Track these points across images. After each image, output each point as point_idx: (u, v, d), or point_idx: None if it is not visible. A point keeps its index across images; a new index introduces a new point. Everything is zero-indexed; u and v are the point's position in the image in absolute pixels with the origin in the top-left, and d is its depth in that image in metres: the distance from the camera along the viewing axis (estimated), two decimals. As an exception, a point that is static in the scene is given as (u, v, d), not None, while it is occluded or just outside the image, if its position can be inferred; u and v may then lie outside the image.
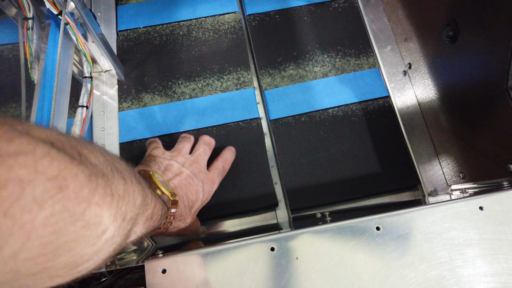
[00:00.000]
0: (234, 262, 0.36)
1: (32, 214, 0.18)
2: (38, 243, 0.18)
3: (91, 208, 0.21)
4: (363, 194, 0.57)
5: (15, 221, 0.17)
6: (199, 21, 0.69)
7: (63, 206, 0.19)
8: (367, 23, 0.69)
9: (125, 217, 0.25)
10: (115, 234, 0.24)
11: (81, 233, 0.21)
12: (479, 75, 0.47)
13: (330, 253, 0.36)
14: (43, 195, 0.18)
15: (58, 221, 0.19)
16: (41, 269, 0.20)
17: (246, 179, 0.56)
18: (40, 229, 0.18)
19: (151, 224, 0.34)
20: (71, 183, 0.20)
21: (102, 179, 0.23)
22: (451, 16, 0.50)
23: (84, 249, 0.22)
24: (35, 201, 0.18)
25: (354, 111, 0.61)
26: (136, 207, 0.27)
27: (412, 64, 0.63)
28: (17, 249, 0.18)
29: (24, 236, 0.18)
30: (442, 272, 0.36)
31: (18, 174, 0.17)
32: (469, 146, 0.51)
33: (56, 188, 0.19)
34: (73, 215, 0.20)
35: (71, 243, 0.20)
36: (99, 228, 0.22)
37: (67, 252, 0.20)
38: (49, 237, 0.19)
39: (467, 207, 0.38)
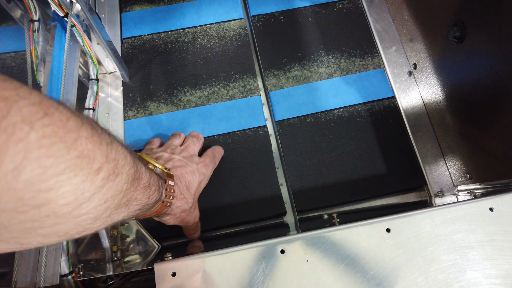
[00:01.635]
0: (244, 265, 0.35)
1: (24, 132, 0.17)
2: (37, 165, 0.18)
3: (82, 140, 0.21)
4: (369, 195, 0.57)
5: (8, 136, 0.17)
6: (204, 28, 0.69)
7: (53, 130, 0.19)
8: (371, 24, 0.69)
9: (117, 163, 0.24)
10: (110, 175, 0.23)
11: (77, 163, 0.20)
12: (487, 76, 0.47)
13: (341, 254, 0.36)
14: (31, 116, 0.18)
15: (52, 145, 0.19)
16: (44, 200, 0.19)
17: (253, 187, 0.56)
18: (36, 150, 0.18)
19: (151, 194, 0.34)
20: (55, 112, 0.19)
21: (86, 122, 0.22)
22: (458, 16, 0.50)
23: (83, 183, 0.21)
24: (24, 121, 0.17)
25: (360, 111, 0.61)
26: (127, 161, 0.27)
27: (417, 65, 0.63)
28: (17, 165, 0.17)
29: (21, 154, 0.17)
30: (452, 274, 0.36)
31: (2, 94, 0.17)
32: (476, 147, 0.51)
33: (41, 113, 0.18)
34: (65, 142, 0.20)
35: (69, 172, 0.20)
36: (94, 164, 0.22)
37: (67, 182, 0.20)
38: (46, 160, 0.18)
39: (477, 208, 0.38)
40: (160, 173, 0.40)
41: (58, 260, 0.39)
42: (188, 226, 0.49)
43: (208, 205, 0.55)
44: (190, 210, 0.46)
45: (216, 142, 0.59)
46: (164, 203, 0.39)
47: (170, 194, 0.40)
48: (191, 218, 0.47)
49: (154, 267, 0.36)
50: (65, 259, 0.40)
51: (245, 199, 0.55)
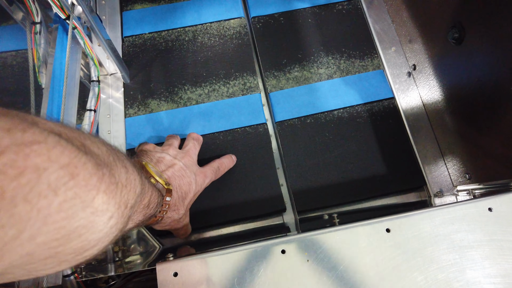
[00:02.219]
0: (245, 265, 0.36)
1: (48, 200, 0.18)
2: (52, 228, 0.19)
3: (100, 195, 0.22)
4: (369, 195, 0.57)
5: (33, 206, 0.18)
6: (204, 27, 0.69)
7: (75, 193, 0.20)
8: (371, 25, 0.69)
9: (127, 204, 0.26)
10: (118, 221, 0.25)
11: (90, 219, 0.22)
12: (486, 77, 0.47)
13: (341, 255, 0.36)
14: (57, 182, 0.19)
15: (71, 207, 0.20)
16: (53, 253, 0.21)
17: (253, 184, 0.57)
18: (55, 215, 0.19)
19: (148, 212, 0.35)
20: (81, 171, 0.21)
21: (106, 169, 0.23)
22: (457, 18, 0.50)
23: (92, 235, 0.22)
24: (50, 188, 0.18)
25: (359, 112, 0.62)
26: (136, 195, 0.28)
27: (416, 66, 0.63)
28: (35, 233, 0.18)
29: (41, 221, 0.18)
30: (452, 274, 0.36)
31: (34, 162, 0.18)
32: (476, 147, 0.52)
33: (68, 176, 0.20)
34: (83, 202, 0.21)
35: (81, 229, 0.21)
36: (106, 215, 0.23)
37: (77, 238, 0.21)
38: (62, 222, 0.20)
39: (476, 208, 0.39)
40: (161, 189, 0.41)
41: (60, 261, 0.40)
42: (175, 232, 0.49)
43: (208, 202, 0.55)
44: (179, 219, 0.46)
45: (216, 140, 0.59)
46: (156, 217, 0.40)
47: (165, 209, 0.41)
48: (179, 225, 0.47)
49: (156, 268, 0.36)
50: (67, 259, 0.40)
51: (245, 196, 0.56)
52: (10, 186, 0.17)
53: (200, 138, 0.55)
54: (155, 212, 0.38)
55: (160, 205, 0.39)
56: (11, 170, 0.17)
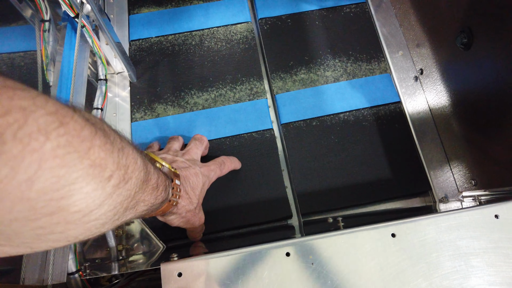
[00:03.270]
0: (250, 267, 0.36)
1: (39, 142, 0.18)
2: (50, 175, 0.19)
3: (95, 149, 0.21)
4: (374, 199, 0.57)
5: (24, 146, 0.17)
6: (211, 31, 0.69)
7: (67, 140, 0.19)
8: (378, 28, 0.69)
9: (127, 169, 0.25)
10: (120, 182, 0.24)
11: (89, 171, 0.21)
12: (493, 82, 0.47)
13: (346, 258, 0.36)
14: (46, 126, 0.18)
15: (66, 155, 0.19)
16: (56, 208, 0.20)
17: (259, 190, 0.56)
18: (50, 160, 0.18)
19: (158, 194, 0.35)
20: (70, 121, 0.20)
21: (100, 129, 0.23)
22: (466, 23, 0.50)
23: (94, 191, 0.22)
24: (39, 131, 0.18)
25: (365, 116, 0.61)
26: (137, 166, 0.27)
27: (424, 70, 0.63)
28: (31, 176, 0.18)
29: (35, 163, 0.18)
30: (456, 281, 0.36)
31: (20, 104, 0.17)
32: (482, 153, 0.51)
33: (57, 122, 0.19)
34: (78, 151, 0.20)
35: (81, 181, 0.20)
36: (105, 172, 0.22)
37: (79, 191, 0.21)
38: (59, 169, 0.19)
39: (482, 215, 0.38)
40: (167, 172, 0.41)
41: (65, 259, 0.40)
42: (193, 229, 0.49)
43: (214, 206, 0.55)
44: (195, 211, 0.46)
45: (222, 145, 0.59)
46: (170, 202, 0.40)
47: (177, 193, 0.41)
48: (196, 219, 0.47)
49: (160, 267, 0.36)
50: (72, 257, 0.41)
51: (251, 202, 0.56)
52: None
53: (203, 138, 0.55)
54: (167, 195, 0.37)
55: (171, 187, 0.39)
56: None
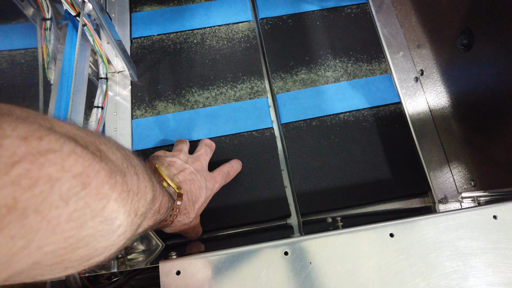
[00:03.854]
0: (248, 266, 0.36)
1: (59, 210, 0.18)
2: (61, 238, 0.19)
3: (110, 204, 0.22)
4: (373, 200, 0.57)
5: (43, 217, 0.18)
6: (213, 30, 0.69)
7: (86, 202, 0.20)
8: (379, 29, 0.69)
9: (137, 212, 0.26)
10: (127, 229, 0.25)
11: (99, 228, 0.22)
12: (494, 84, 0.47)
13: (344, 258, 0.36)
14: (69, 192, 0.19)
15: (80, 217, 0.20)
16: (59, 261, 0.21)
17: (258, 189, 0.57)
18: (64, 224, 0.19)
19: (158, 217, 0.35)
20: (93, 180, 0.20)
21: (120, 176, 0.23)
22: (466, 24, 0.50)
23: (99, 243, 0.22)
24: (61, 198, 0.18)
25: (365, 116, 0.62)
26: (147, 202, 0.28)
27: (424, 71, 0.63)
28: (43, 243, 0.18)
29: (50, 231, 0.18)
30: (454, 281, 0.36)
31: (48, 172, 0.18)
32: (482, 154, 0.51)
33: (80, 185, 0.19)
34: (93, 211, 0.21)
35: (89, 237, 0.21)
36: (115, 224, 0.23)
37: (84, 246, 0.21)
38: (71, 231, 0.20)
39: (481, 215, 0.38)
40: (172, 193, 0.41)
41: (64, 256, 0.40)
42: (186, 235, 0.49)
43: (213, 205, 0.55)
44: (190, 224, 0.46)
45: (222, 143, 0.59)
46: (166, 222, 0.40)
47: (175, 214, 0.41)
48: (190, 231, 0.48)
49: (159, 265, 0.36)
50: (71, 255, 0.41)
51: (250, 200, 0.56)
52: (23, 197, 0.17)
53: (213, 145, 0.55)
54: (165, 216, 0.38)
55: (171, 209, 0.39)
56: (25, 181, 0.17)
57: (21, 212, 0.17)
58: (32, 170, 0.17)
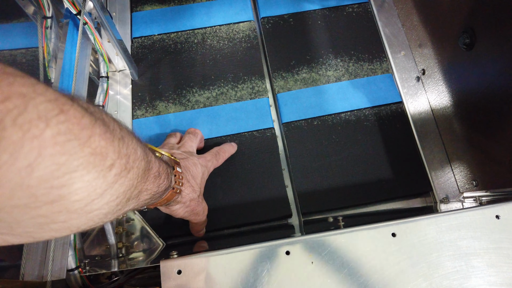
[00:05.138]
0: (249, 265, 0.36)
1: (39, 128, 0.18)
2: (50, 162, 0.18)
3: (95, 137, 0.21)
4: (375, 199, 0.57)
5: (24, 133, 0.17)
6: (213, 29, 0.69)
7: (68, 127, 0.19)
8: (381, 28, 0.69)
9: (128, 159, 0.25)
10: (122, 171, 0.24)
11: (90, 160, 0.21)
12: (496, 83, 0.47)
13: (346, 258, 0.36)
14: (47, 113, 0.18)
15: (66, 142, 0.19)
16: (57, 196, 0.20)
17: (259, 189, 0.56)
18: (50, 147, 0.18)
19: (161, 182, 0.34)
20: (70, 109, 0.20)
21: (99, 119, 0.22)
22: (468, 23, 0.50)
23: (96, 180, 0.21)
24: (40, 117, 0.18)
25: (367, 116, 0.61)
26: (137, 155, 0.27)
27: (426, 70, 0.63)
28: (31, 162, 0.18)
29: (35, 150, 0.18)
30: (456, 281, 0.36)
31: (20, 90, 0.17)
32: (484, 154, 0.51)
33: (57, 109, 0.19)
34: (79, 139, 0.20)
35: (82, 169, 0.20)
36: (106, 161, 0.22)
37: (80, 179, 0.20)
38: (60, 157, 0.19)
39: (483, 215, 0.38)
40: (168, 161, 0.41)
41: (65, 255, 0.40)
42: (197, 221, 0.49)
43: (215, 205, 0.55)
44: (198, 199, 0.46)
45: (223, 143, 0.59)
46: (174, 189, 0.39)
47: (179, 180, 0.41)
48: (200, 208, 0.47)
49: (160, 265, 0.36)
50: (72, 254, 0.41)
51: (251, 200, 0.56)
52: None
53: (196, 131, 0.55)
54: (169, 183, 0.37)
55: (173, 175, 0.39)
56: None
57: None
58: (2, 86, 0.17)
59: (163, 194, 0.37)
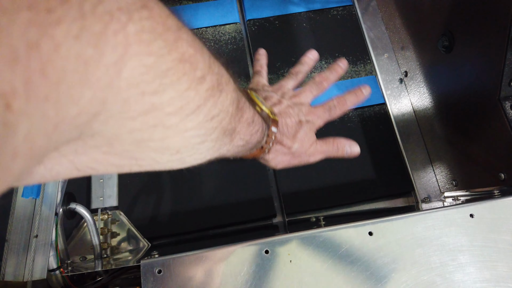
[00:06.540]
0: (228, 264, 0.36)
1: (121, 22, 0.15)
2: (138, 63, 0.16)
3: (182, 42, 0.19)
4: (358, 199, 0.57)
5: (105, 24, 0.15)
6: (199, 31, 0.69)
7: (152, 26, 0.17)
8: (365, 31, 0.70)
9: (220, 78, 0.23)
10: (214, 88, 0.21)
11: (179, 66, 0.18)
12: (473, 85, 0.48)
13: (323, 256, 0.37)
14: (128, 6, 0.16)
15: (152, 41, 0.17)
16: (149, 105, 0.18)
17: (244, 189, 0.57)
18: (135, 45, 0.16)
19: (254, 132, 0.31)
20: (155, 6, 0.17)
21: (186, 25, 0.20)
22: (447, 26, 0.51)
23: (187, 91, 0.19)
24: (121, 9, 0.15)
25: (350, 117, 0.62)
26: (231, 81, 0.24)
27: (408, 72, 0.64)
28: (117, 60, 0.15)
29: (120, 46, 0.15)
30: (433, 277, 0.37)
31: None
32: (463, 154, 0.52)
33: (139, 3, 0.16)
34: (166, 41, 0.17)
35: (172, 75, 0.18)
36: (197, 72, 0.20)
37: (171, 87, 0.18)
38: (148, 58, 0.17)
39: (458, 214, 0.39)
40: (266, 118, 0.36)
41: (46, 255, 0.40)
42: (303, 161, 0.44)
43: (199, 205, 0.56)
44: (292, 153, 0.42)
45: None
46: (263, 148, 0.37)
47: (271, 140, 0.37)
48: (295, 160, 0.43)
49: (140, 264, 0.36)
50: (53, 254, 0.41)
51: (236, 200, 0.56)
52: None
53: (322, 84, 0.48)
54: (262, 137, 0.34)
55: (266, 134, 0.36)
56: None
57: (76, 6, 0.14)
58: None
59: (254, 147, 0.34)
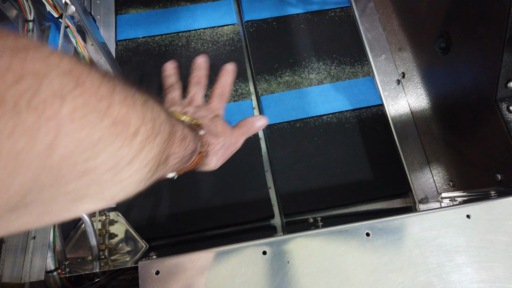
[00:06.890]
0: (226, 265, 0.36)
1: (55, 107, 0.17)
2: (70, 139, 0.18)
3: (115, 106, 0.20)
4: (355, 200, 0.58)
5: (39, 114, 0.16)
6: (198, 32, 0.70)
7: (84, 101, 0.18)
8: (362, 32, 0.70)
9: (154, 123, 0.24)
10: (149, 137, 0.23)
11: (112, 130, 0.20)
12: (470, 87, 0.48)
13: (321, 257, 0.37)
14: (62, 89, 0.17)
15: (84, 116, 0.18)
16: (83, 170, 0.19)
17: (242, 190, 0.57)
18: (68, 124, 0.17)
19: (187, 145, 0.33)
20: (86, 79, 0.19)
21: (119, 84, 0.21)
22: (444, 28, 0.51)
23: (121, 149, 0.20)
24: (55, 95, 0.17)
25: (348, 118, 0.62)
26: (162, 119, 0.26)
27: (405, 74, 0.64)
28: (49, 143, 0.17)
29: (53, 131, 0.17)
30: (430, 278, 0.37)
31: (32, 67, 0.16)
32: (460, 155, 0.53)
33: (73, 83, 0.18)
34: (98, 111, 0.19)
35: (105, 140, 0.19)
36: (130, 128, 0.21)
37: (104, 151, 0.19)
38: (80, 132, 0.18)
39: (455, 215, 0.39)
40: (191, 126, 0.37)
41: (44, 257, 0.40)
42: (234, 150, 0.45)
43: (197, 206, 0.56)
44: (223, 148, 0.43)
45: None
46: (201, 153, 0.38)
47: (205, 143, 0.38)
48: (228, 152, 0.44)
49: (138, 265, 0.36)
50: (51, 255, 0.41)
51: (234, 201, 0.56)
52: (9, 92, 0.15)
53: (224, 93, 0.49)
54: (195, 146, 0.36)
55: (198, 140, 0.37)
56: (8, 76, 0.15)
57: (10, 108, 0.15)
58: (13, 65, 0.16)
59: (191, 158, 0.35)
